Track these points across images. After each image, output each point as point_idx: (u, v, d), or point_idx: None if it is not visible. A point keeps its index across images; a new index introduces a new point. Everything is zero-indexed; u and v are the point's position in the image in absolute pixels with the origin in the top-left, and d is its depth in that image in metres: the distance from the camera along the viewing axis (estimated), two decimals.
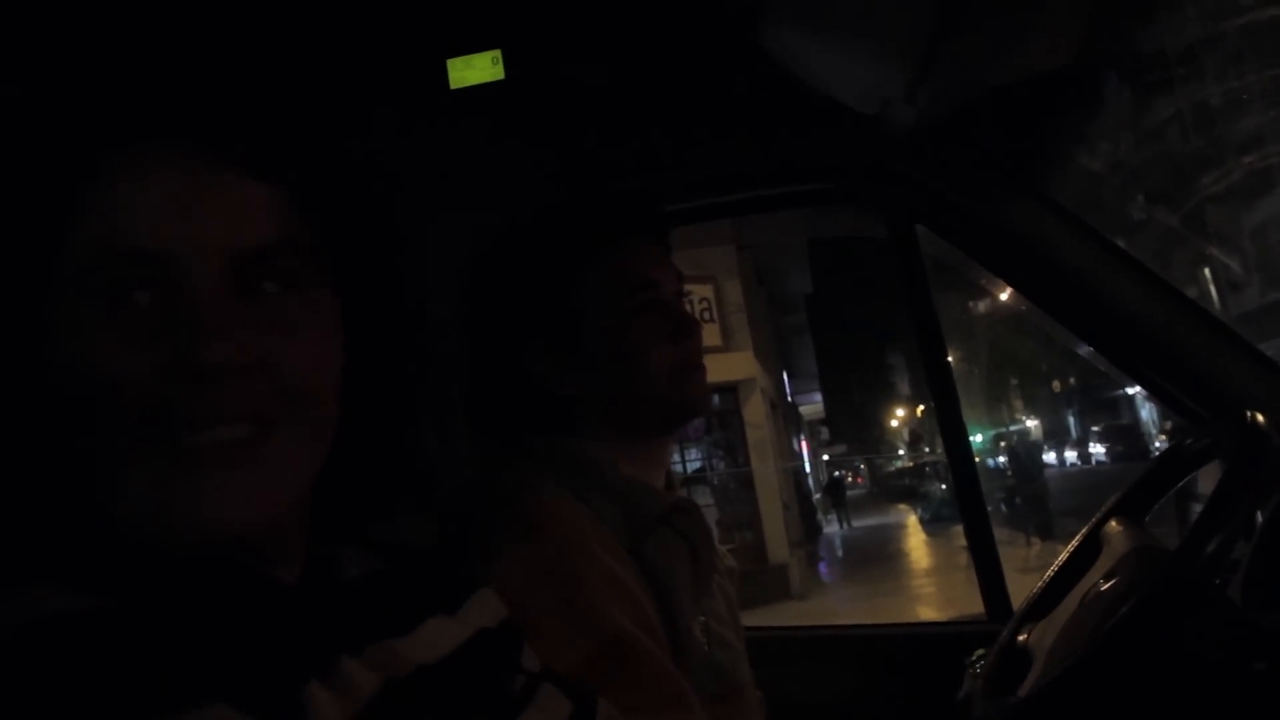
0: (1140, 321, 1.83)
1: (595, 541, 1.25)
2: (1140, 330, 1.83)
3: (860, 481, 64.73)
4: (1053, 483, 19.94)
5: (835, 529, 29.86)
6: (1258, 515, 1.46)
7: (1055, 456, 39.67)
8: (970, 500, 2.15)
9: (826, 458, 49.53)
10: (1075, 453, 39.76)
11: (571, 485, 1.32)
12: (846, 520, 30.74)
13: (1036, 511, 17.60)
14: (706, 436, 15.76)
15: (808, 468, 31.93)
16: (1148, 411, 33.83)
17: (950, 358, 2.35)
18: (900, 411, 58.64)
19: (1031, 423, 44.56)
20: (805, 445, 33.72)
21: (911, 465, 45.88)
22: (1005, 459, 22.54)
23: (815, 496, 29.86)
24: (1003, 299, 2.33)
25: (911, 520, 30.01)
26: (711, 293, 15.24)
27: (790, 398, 29.00)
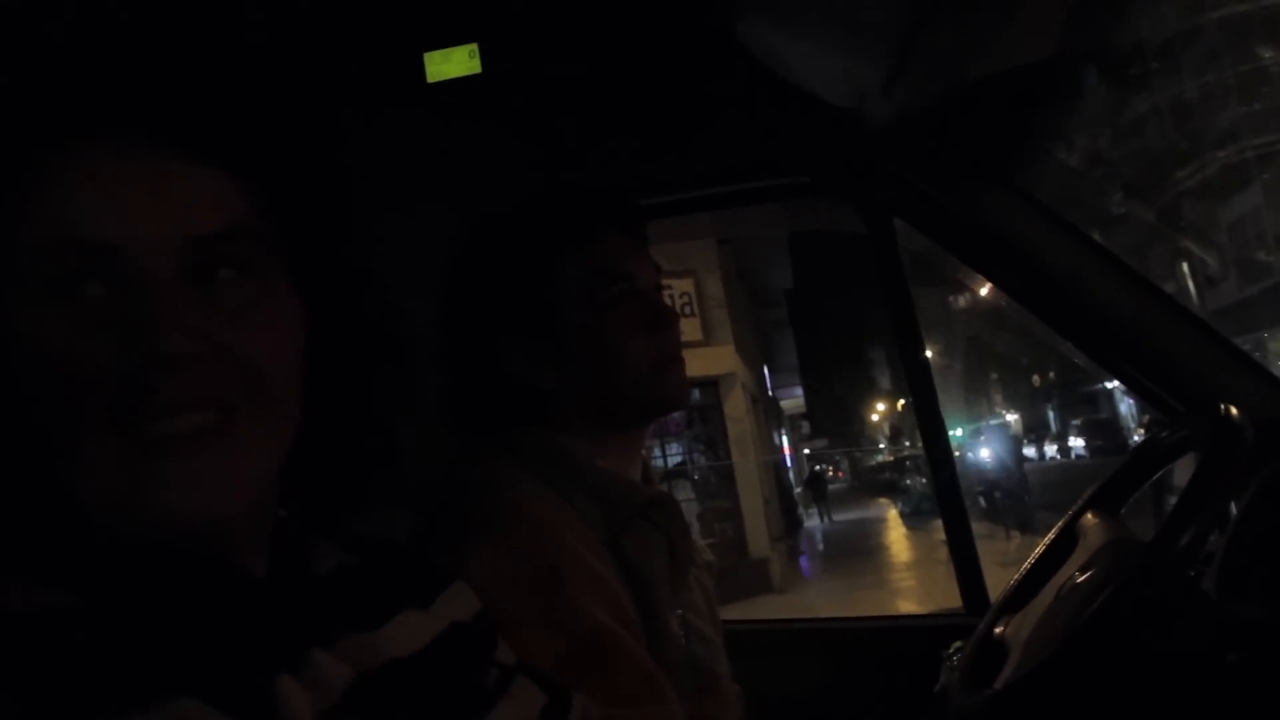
0: (1116, 316, 1.84)
1: (572, 535, 1.25)
2: (1116, 324, 1.84)
3: (841, 475, 64.92)
4: (1032, 477, 20.02)
5: (816, 523, 29.90)
6: (1232, 507, 1.47)
7: (1035, 451, 39.87)
8: (949, 494, 2.16)
9: (807, 452, 49.65)
10: (1055, 447, 39.98)
11: (548, 479, 1.32)
12: (827, 514, 30.80)
13: (1015, 505, 17.70)
14: (687, 431, 15.78)
15: (788, 462, 32.00)
16: (1126, 406, 34.06)
17: (929, 352, 2.36)
18: (881, 406, 58.84)
19: (1011, 417, 44.75)
20: (786, 439, 33.80)
21: (892, 459, 46.04)
22: (985, 453, 22.65)
23: (796, 490, 29.92)
24: (982, 294, 2.34)
25: (892, 514, 30.08)
26: (692, 287, 15.25)
27: (771, 392, 29.03)
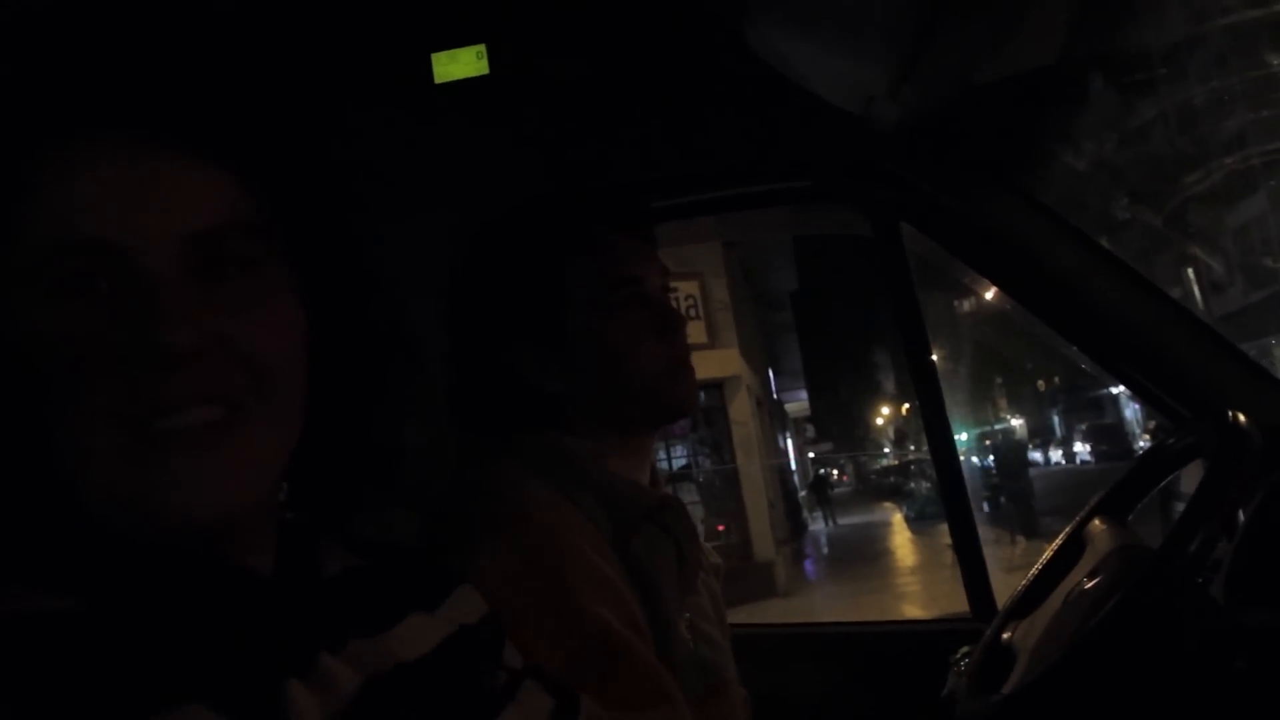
0: (1123, 321, 1.83)
1: (580, 538, 1.25)
2: (1123, 330, 1.84)
3: (845, 479, 64.84)
4: (1038, 482, 19.99)
5: (821, 526, 29.89)
6: (1240, 514, 1.47)
7: (1041, 455, 39.81)
8: (955, 499, 2.16)
9: (812, 455, 49.58)
10: (1060, 452, 39.93)
11: (556, 482, 1.32)
12: (832, 518, 30.78)
13: (1021, 510, 17.66)
14: (692, 434, 15.76)
15: (793, 465, 31.97)
16: (1132, 411, 34.01)
17: (935, 356, 2.35)
18: (886, 409, 58.66)
19: (1016, 421, 44.68)
20: (791, 443, 33.77)
21: (897, 463, 45.97)
22: (990, 458, 22.61)
23: (801, 494, 29.89)
24: (988, 298, 2.34)
25: (897, 518, 30.04)
26: (697, 290, 15.24)
27: (776, 395, 29.02)
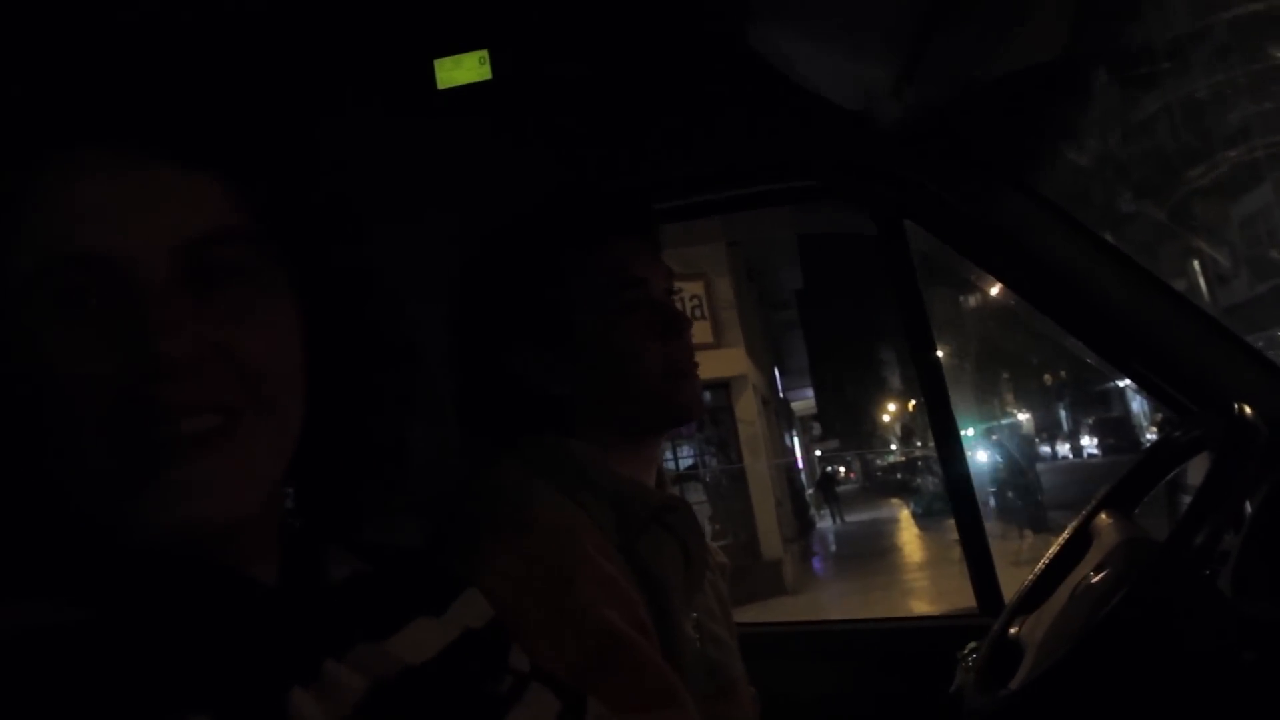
0: (1128, 315, 1.84)
1: (586, 540, 1.25)
2: (1128, 323, 1.84)
3: (852, 476, 64.73)
4: (1045, 476, 19.96)
5: (828, 524, 29.85)
6: (1246, 506, 1.47)
7: (1048, 449, 39.73)
8: (961, 494, 2.16)
9: (819, 453, 49.50)
10: (1067, 446, 39.86)
11: (562, 484, 1.32)
12: (839, 515, 30.74)
13: (1028, 505, 17.63)
14: (699, 433, 15.75)
15: (800, 463, 31.92)
16: (1139, 404, 33.91)
17: (941, 353, 2.36)
18: (892, 406, 58.53)
19: (1023, 416, 44.59)
20: (798, 441, 33.73)
21: (904, 460, 45.88)
22: (997, 453, 22.58)
23: (808, 492, 29.86)
24: (993, 293, 2.34)
25: (904, 514, 30.01)
26: (702, 290, 15.23)
27: (782, 394, 28.99)
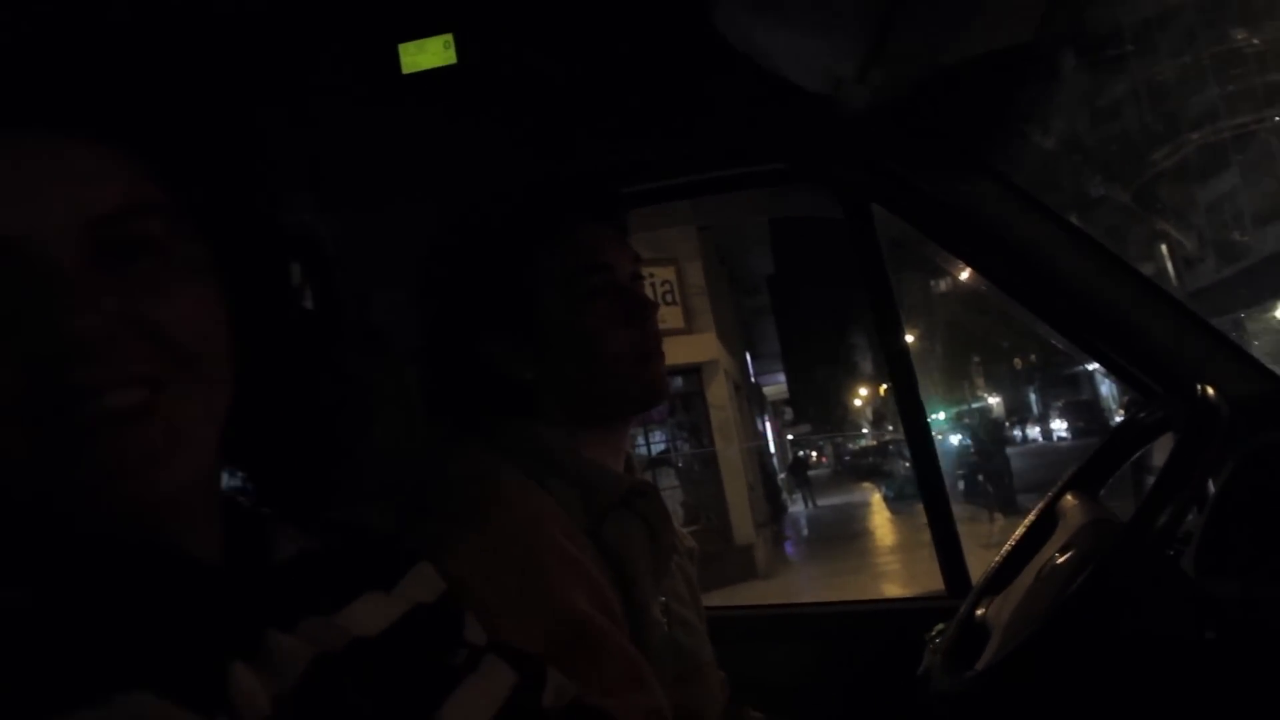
0: (1093, 298, 1.85)
1: (553, 525, 1.25)
2: (1093, 307, 1.85)
3: (824, 461, 65.08)
4: (1015, 459, 20.11)
5: (800, 508, 30.01)
6: (1210, 487, 1.48)
7: (1019, 433, 40.05)
8: (929, 478, 2.17)
9: (791, 437, 49.71)
10: (1038, 429, 40.18)
11: (528, 469, 1.32)
12: (811, 500, 30.90)
13: (998, 488, 17.78)
14: (670, 418, 15.78)
15: (772, 448, 32.06)
16: (1108, 387, 34.20)
17: (911, 337, 2.37)
18: (864, 391, 58.84)
19: (993, 400, 44.92)
20: (769, 426, 33.87)
21: (875, 444, 46.20)
22: (967, 436, 22.76)
23: (780, 476, 29.99)
24: (963, 278, 2.35)
25: (876, 498, 30.21)
26: (673, 275, 15.25)
27: (754, 378, 29.09)
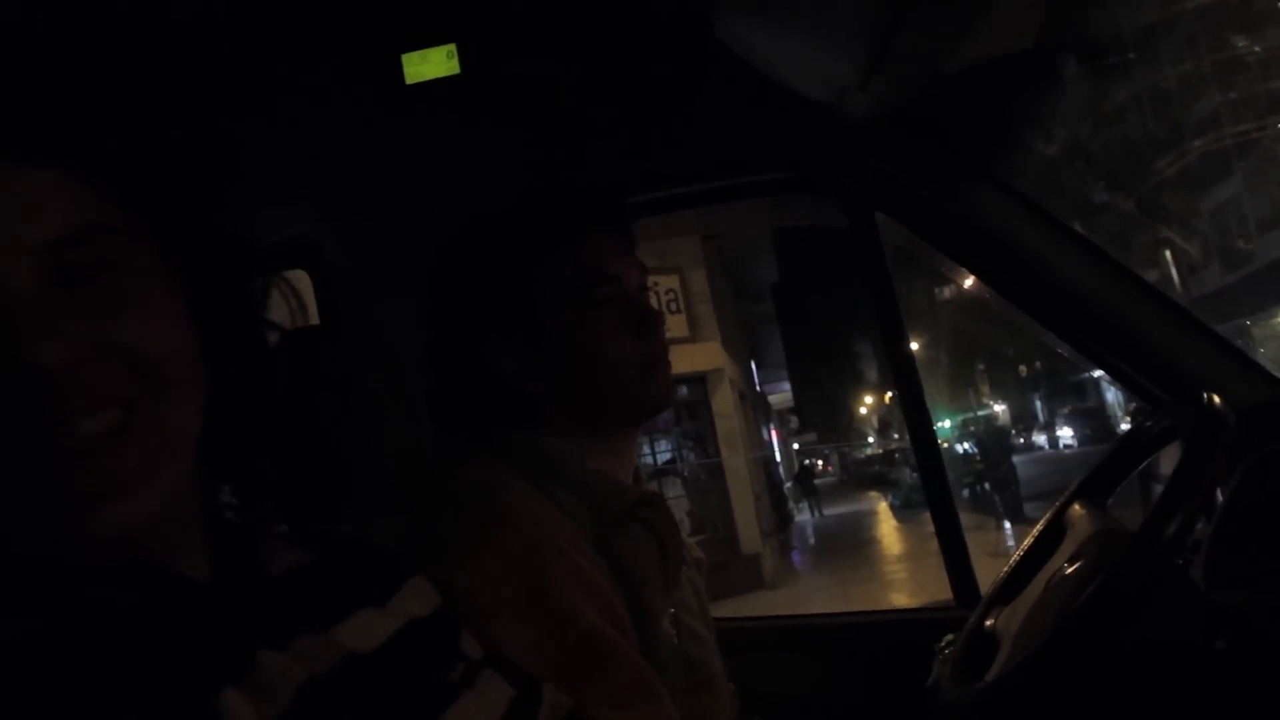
0: (1099, 306, 1.84)
1: (561, 537, 1.24)
2: (1099, 315, 1.85)
3: (830, 469, 64.93)
4: (1022, 467, 20.07)
5: (806, 517, 29.96)
6: (1218, 496, 1.47)
7: (1024, 440, 39.90)
8: (936, 487, 2.16)
9: (796, 446, 49.63)
10: (1044, 436, 40.03)
11: (536, 481, 1.32)
12: (818, 508, 30.85)
13: (1005, 496, 17.75)
14: (676, 428, 15.76)
15: (778, 457, 32.01)
16: (1113, 394, 34.12)
17: (916, 345, 2.37)
18: (869, 399, 58.69)
19: (999, 407, 44.81)
20: (775, 434, 33.83)
21: (881, 452, 46.10)
22: (973, 445, 22.73)
23: (786, 485, 29.94)
24: (967, 285, 2.34)
25: (882, 507, 30.15)
26: (677, 284, 15.23)
27: (759, 387, 29.05)
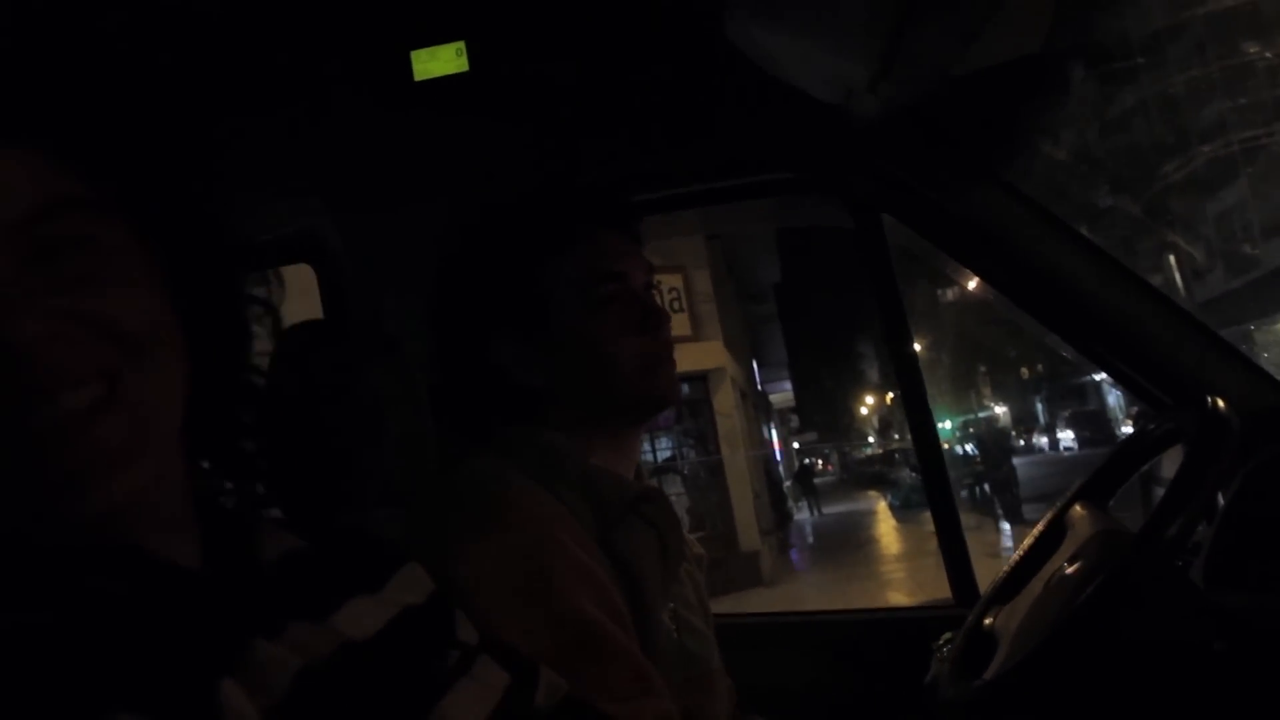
0: (1103, 310, 1.85)
1: (563, 531, 1.25)
2: (1103, 318, 1.85)
3: (830, 468, 64.92)
4: (1022, 469, 20.07)
5: (805, 516, 29.97)
6: (1219, 499, 1.48)
7: (1025, 442, 39.89)
8: (937, 487, 2.17)
9: (796, 445, 49.61)
10: (1045, 439, 40.04)
11: (538, 475, 1.32)
12: (817, 507, 30.86)
13: (1005, 496, 17.77)
14: (677, 425, 15.76)
15: (778, 455, 32.01)
16: (1115, 398, 34.12)
17: (918, 346, 2.37)
18: (870, 399, 58.67)
19: (1000, 409, 44.80)
20: (775, 433, 33.82)
21: (881, 452, 46.12)
22: (974, 446, 22.74)
23: (785, 484, 29.95)
24: (970, 287, 2.35)
25: (881, 506, 30.17)
26: (681, 283, 15.24)
27: (760, 386, 29.06)
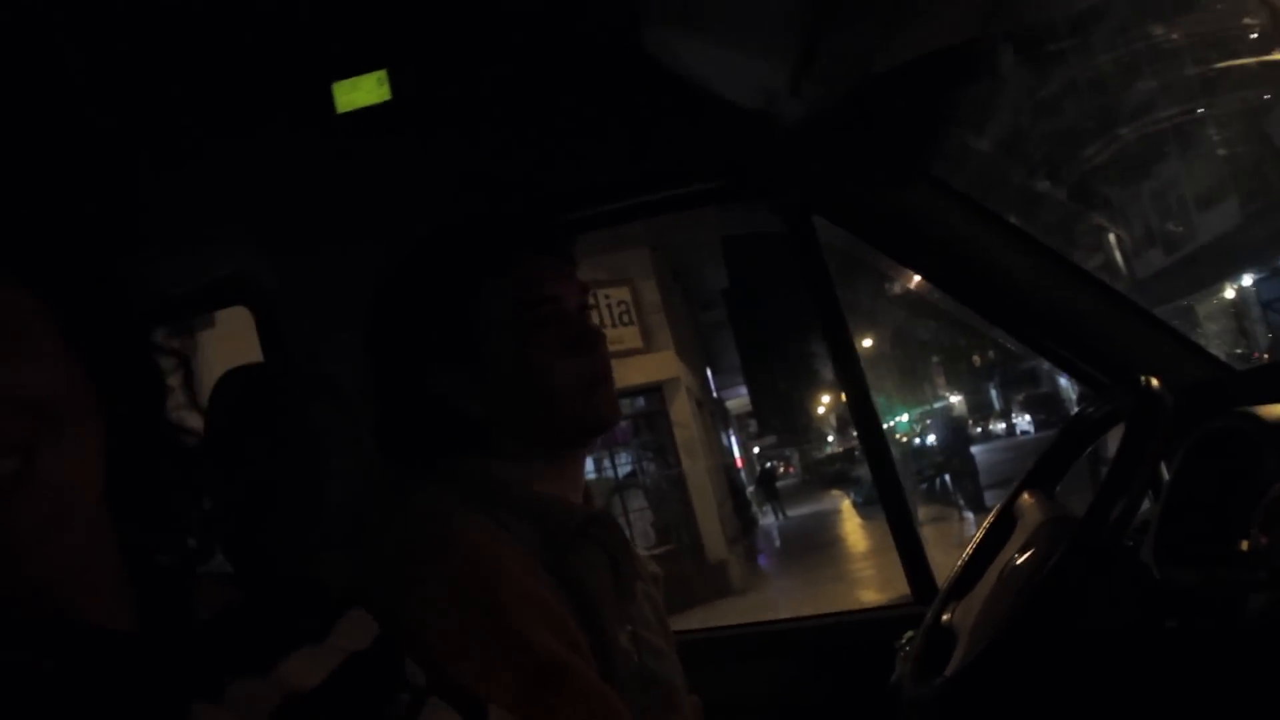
0: (1036, 295, 1.87)
1: (511, 561, 1.23)
2: (1036, 304, 1.87)
3: (792, 471, 65.17)
4: (980, 456, 20.20)
5: (771, 520, 30.02)
6: (1164, 475, 1.49)
7: (982, 429, 40.24)
8: (888, 485, 2.17)
9: (757, 450, 49.73)
10: (1002, 424, 40.42)
11: (483, 506, 1.31)
12: (781, 511, 30.93)
13: (966, 486, 17.88)
14: (635, 439, 15.77)
15: (739, 462, 32.07)
16: (1066, 379, 34.48)
17: (869, 342, 2.38)
18: (826, 398, 58.90)
19: (955, 399, 45.15)
20: (735, 440, 33.90)
21: (841, 450, 46.32)
22: (933, 437, 22.91)
23: (748, 490, 30.01)
24: (915, 282, 2.36)
25: (845, 505, 30.28)
26: (629, 295, 15.27)
27: (716, 393, 29.11)
